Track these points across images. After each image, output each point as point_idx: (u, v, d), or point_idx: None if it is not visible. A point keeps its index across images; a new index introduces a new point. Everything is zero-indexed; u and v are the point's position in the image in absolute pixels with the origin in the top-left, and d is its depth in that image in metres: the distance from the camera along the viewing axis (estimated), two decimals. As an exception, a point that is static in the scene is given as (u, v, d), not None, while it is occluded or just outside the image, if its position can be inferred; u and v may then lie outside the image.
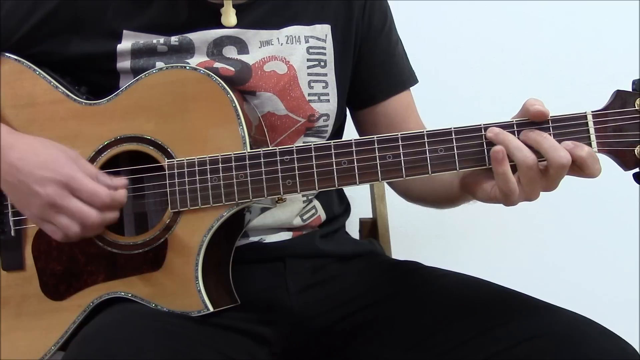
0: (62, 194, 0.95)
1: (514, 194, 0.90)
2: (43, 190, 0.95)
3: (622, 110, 0.89)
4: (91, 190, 0.96)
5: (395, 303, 1.07)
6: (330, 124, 1.14)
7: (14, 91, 1.05)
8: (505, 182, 0.90)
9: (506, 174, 0.89)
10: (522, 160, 0.88)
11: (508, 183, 0.89)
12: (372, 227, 1.41)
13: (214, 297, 0.97)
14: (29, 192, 0.96)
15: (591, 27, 1.71)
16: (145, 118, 1.01)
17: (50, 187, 0.95)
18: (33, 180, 0.96)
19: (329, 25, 1.13)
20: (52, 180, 0.95)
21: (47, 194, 0.95)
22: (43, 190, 0.95)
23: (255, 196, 0.96)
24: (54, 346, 1.01)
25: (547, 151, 0.88)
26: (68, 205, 0.95)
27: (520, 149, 0.89)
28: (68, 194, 0.96)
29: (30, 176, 0.96)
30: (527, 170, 0.89)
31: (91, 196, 0.96)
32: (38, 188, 0.96)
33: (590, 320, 0.94)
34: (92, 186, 0.96)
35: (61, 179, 0.95)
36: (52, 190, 0.95)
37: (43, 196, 0.95)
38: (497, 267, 1.50)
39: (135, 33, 1.06)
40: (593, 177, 0.89)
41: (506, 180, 0.89)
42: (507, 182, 0.89)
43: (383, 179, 0.94)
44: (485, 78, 1.70)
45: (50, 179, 0.95)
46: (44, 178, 0.96)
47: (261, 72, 1.08)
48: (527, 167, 0.88)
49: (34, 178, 0.96)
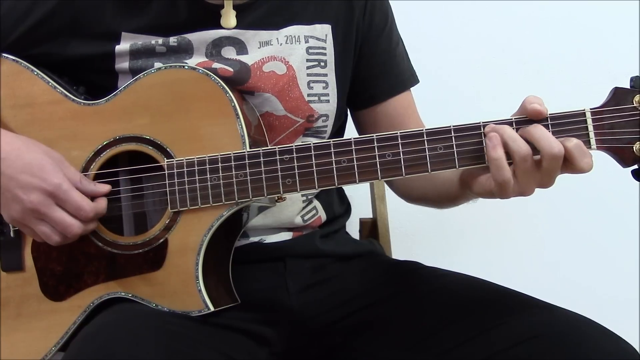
0: (46, 203, 0.95)
1: (508, 184, 0.89)
2: (26, 197, 0.95)
3: (621, 108, 0.89)
4: (77, 204, 0.96)
5: (395, 303, 1.07)
6: (330, 125, 1.14)
7: (13, 91, 1.05)
8: (499, 170, 0.89)
9: (499, 159, 0.89)
10: (516, 150, 0.88)
11: (502, 170, 0.89)
12: (372, 227, 1.41)
13: (214, 297, 0.97)
14: (11, 197, 0.96)
15: (591, 27, 1.71)
16: (144, 118, 1.00)
17: (34, 195, 0.95)
18: (16, 185, 0.95)
19: (329, 25, 1.13)
20: (38, 187, 0.95)
21: (30, 201, 0.95)
22: (26, 197, 0.95)
23: (255, 195, 0.96)
24: (54, 347, 1.01)
25: (538, 140, 0.88)
26: (52, 214, 0.96)
27: (514, 139, 0.89)
28: (52, 203, 0.96)
29: (13, 180, 0.96)
30: (521, 161, 0.88)
31: (77, 210, 0.96)
32: (21, 194, 0.95)
33: (590, 320, 0.94)
34: (78, 199, 0.96)
35: (47, 188, 0.95)
36: (35, 198, 0.95)
37: (26, 202, 0.95)
38: (496, 267, 1.50)
39: (134, 34, 1.06)
40: (584, 172, 0.88)
41: (499, 167, 0.89)
42: (501, 170, 0.89)
43: (383, 178, 0.94)
44: (486, 78, 1.70)
45: (36, 186, 0.95)
46: (28, 184, 0.95)
47: (260, 73, 1.08)
48: (520, 157, 0.88)
49: (16, 183, 0.95)
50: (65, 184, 0.96)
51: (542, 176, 0.89)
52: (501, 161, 0.89)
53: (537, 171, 0.89)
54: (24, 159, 0.97)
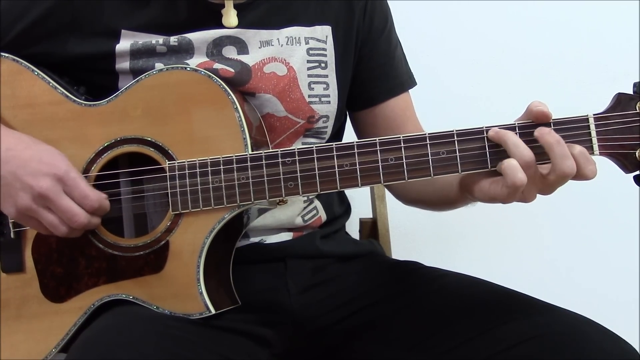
0: (55, 190, 0.95)
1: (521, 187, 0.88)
2: (36, 183, 0.95)
3: (624, 113, 0.89)
4: (84, 192, 0.96)
5: (396, 303, 1.07)
6: (330, 126, 1.14)
7: (13, 91, 1.04)
8: (515, 172, 0.87)
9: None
10: (519, 156, 0.88)
11: (518, 173, 0.87)
12: (372, 227, 1.41)
13: (215, 299, 0.97)
14: (20, 185, 0.96)
15: (591, 27, 1.71)
16: (145, 119, 1.00)
17: (44, 181, 0.95)
18: (26, 172, 0.96)
19: (329, 26, 1.12)
20: (48, 173, 0.95)
21: (40, 186, 0.95)
22: (36, 182, 0.95)
23: (257, 198, 0.96)
24: (54, 348, 1.01)
25: (555, 156, 0.87)
26: (60, 202, 0.96)
27: (517, 145, 0.88)
28: (61, 190, 0.96)
29: (22, 168, 0.96)
30: (526, 168, 0.88)
31: (83, 198, 0.96)
32: (31, 180, 0.95)
33: (590, 321, 0.94)
34: (85, 187, 0.97)
35: (57, 172, 0.96)
36: (45, 183, 0.95)
37: (35, 188, 0.95)
38: (497, 267, 1.50)
39: (134, 32, 1.06)
40: (587, 179, 0.88)
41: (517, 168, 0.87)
42: (517, 172, 0.87)
43: (385, 182, 0.93)
44: (485, 78, 1.70)
45: (46, 172, 0.95)
46: (38, 171, 0.95)
47: (261, 74, 1.08)
48: (524, 164, 0.88)
49: (27, 170, 0.96)
50: (73, 171, 0.97)
51: (544, 186, 0.90)
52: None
53: (541, 180, 0.89)
54: (33, 149, 0.98)
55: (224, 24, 1.06)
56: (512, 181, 0.87)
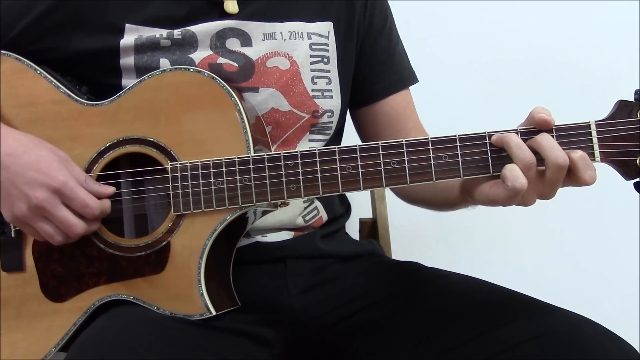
0: (52, 201, 0.95)
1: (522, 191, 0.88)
2: (32, 193, 0.95)
3: (625, 120, 0.90)
4: (84, 202, 0.96)
5: (396, 303, 1.08)
6: (335, 121, 1.14)
7: (15, 90, 1.04)
8: (516, 175, 0.88)
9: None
10: (521, 157, 0.88)
11: (519, 177, 0.88)
12: (372, 227, 1.41)
13: (215, 300, 0.97)
14: (17, 193, 0.95)
15: (591, 27, 1.71)
16: (148, 120, 1.00)
17: (40, 191, 0.95)
18: (22, 181, 0.95)
19: (331, 22, 1.13)
20: (44, 184, 0.95)
21: (36, 197, 0.94)
22: (32, 192, 0.95)
23: (259, 200, 0.96)
24: (54, 347, 1.01)
25: (544, 149, 0.88)
26: (56, 213, 0.95)
27: (520, 146, 0.89)
28: (58, 201, 0.96)
29: (20, 176, 0.95)
30: (526, 170, 0.88)
31: (83, 207, 0.96)
32: (27, 190, 0.95)
33: (591, 321, 0.94)
34: (84, 196, 0.96)
35: (53, 184, 0.95)
36: (41, 194, 0.95)
37: (32, 198, 0.95)
38: (496, 268, 1.51)
39: (138, 27, 1.06)
40: (587, 185, 0.89)
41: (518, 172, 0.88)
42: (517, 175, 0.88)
43: (387, 185, 0.94)
44: (485, 79, 1.70)
45: (42, 182, 0.95)
46: (34, 180, 0.95)
47: (264, 68, 1.08)
48: (525, 165, 0.88)
49: (23, 179, 0.95)
50: (71, 181, 0.96)
51: (544, 186, 0.90)
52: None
53: (540, 181, 0.90)
54: (31, 155, 0.97)
55: (226, 9, 1.06)
56: (513, 185, 0.88)
